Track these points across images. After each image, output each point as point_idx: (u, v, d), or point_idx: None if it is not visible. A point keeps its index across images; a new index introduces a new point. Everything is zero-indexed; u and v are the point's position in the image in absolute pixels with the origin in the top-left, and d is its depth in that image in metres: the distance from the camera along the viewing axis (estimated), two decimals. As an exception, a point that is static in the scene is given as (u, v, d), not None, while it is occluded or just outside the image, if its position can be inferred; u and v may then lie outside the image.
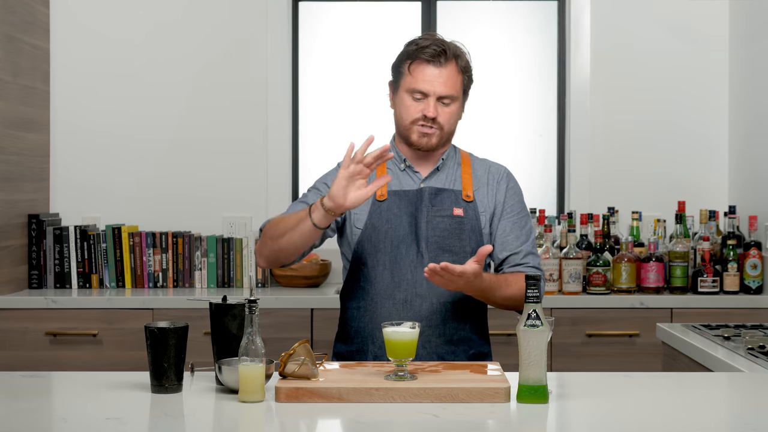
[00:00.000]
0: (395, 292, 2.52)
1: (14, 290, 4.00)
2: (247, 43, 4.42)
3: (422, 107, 2.52)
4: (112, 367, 3.75)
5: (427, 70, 2.51)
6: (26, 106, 4.12)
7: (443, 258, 2.51)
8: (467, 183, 2.60)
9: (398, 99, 2.59)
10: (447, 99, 2.52)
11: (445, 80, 2.51)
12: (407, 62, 2.55)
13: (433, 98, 2.51)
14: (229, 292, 4.03)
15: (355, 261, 2.57)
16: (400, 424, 1.90)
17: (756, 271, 3.93)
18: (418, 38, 2.58)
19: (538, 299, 2.05)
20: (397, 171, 2.62)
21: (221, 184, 4.41)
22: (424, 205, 2.55)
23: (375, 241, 2.54)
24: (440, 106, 2.53)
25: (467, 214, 2.56)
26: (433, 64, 2.51)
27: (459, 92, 2.55)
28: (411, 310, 2.51)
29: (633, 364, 3.76)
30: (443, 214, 2.55)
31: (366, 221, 2.55)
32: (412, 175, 2.61)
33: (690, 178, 4.40)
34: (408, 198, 2.56)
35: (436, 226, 2.54)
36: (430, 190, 2.57)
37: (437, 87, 2.51)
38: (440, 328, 2.52)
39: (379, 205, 2.56)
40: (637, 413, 1.99)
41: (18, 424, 1.89)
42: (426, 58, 2.51)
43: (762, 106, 4.06)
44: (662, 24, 4.41)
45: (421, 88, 2.51)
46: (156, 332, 2.10)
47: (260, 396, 2.03)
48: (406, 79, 2.55)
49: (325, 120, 4.57)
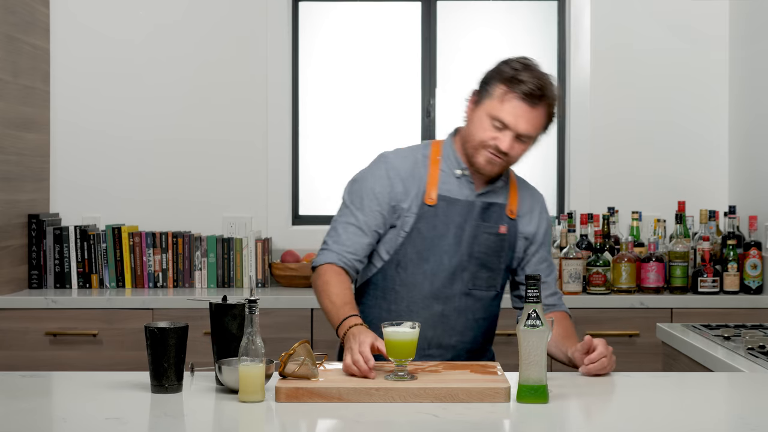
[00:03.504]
0: (433, 304, 2.49)
1: (14, 290, 4.00)
2: (247, 43, 4.42)
3: (498, 137, 2.41)
4: (112, 367, 3.75)
5: (517, 105, 2.39)
6: (26, 106, 4.12)
7: (480, 274, 2.51)
8: (513, 200, 2.56)
9: (477, 115, 2.46)
10: (525, 137, 2.43)
11: (532, 121, 2.41)
12: (500, 87, 2.41)
13: (512, 132, 2.41)
14: (229, 292, 4.03)
15: (392, 262, 2.50)
16: (400, 424, 1.90)
17: (756, 271, 3.93)
18: (519, 65, 2.42)
19: (538, 299, 2.05)
20: (451, 175, 2.52)
21: (221, 184, 4.41)
22: (474, 218, 2.49)
23: (419, 248, 2.48)
24: (516, 142, 2.43)
25: (509, 232, 2.53)
26: (526, 102, 2.39)
27: (539, 132, 2.46)
28: (447, 324, 2.50)
29: (633, 364, 3.75)
30: (491, 231, 2.51)
31: (413, 225, 2.48)
32: (468, 185, 2.52)
33: (690, 178, 4.40)
34: (458, 208, 2.49)
35: (483, 243, 2.50)
36: (482, 204, 2.51)
37: (521, 125, 2.40)
38: (471, 343, 2.53)
39: (429, 209, 2.48)
40: (638, 413, 1.99)
41: (18, 424, 1.89)
42: (521, 95, 2.39)
43: (762, 106, 4.06)
44: (662, 24, 4.41)
45: (505, 120, 2.40)
46: (156, 332, 2.10)
47: (260, 396, 2.03)
48: (493, 102, 2.42)
49: (325, 120, 4.57)
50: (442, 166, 2.52)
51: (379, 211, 2.49)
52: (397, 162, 2.53)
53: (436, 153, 2.54)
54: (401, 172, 2.51)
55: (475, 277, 2.50)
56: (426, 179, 2.50)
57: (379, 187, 2.50)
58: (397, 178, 2.50)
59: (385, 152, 2.59)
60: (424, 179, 2.50)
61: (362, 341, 2.17)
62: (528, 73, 2.40)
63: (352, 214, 2.50)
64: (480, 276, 2.51)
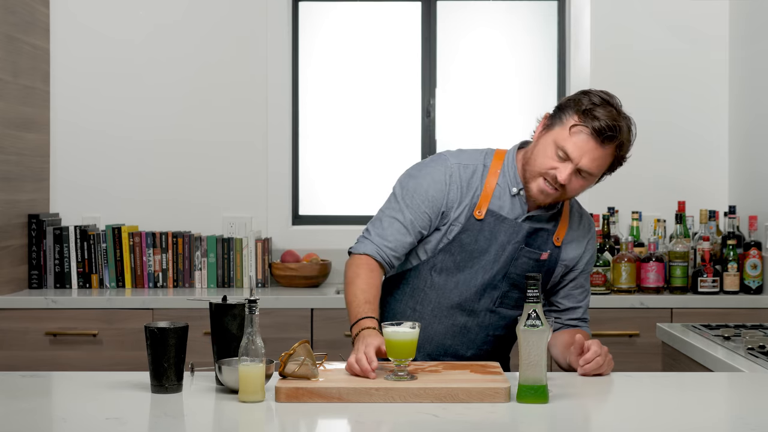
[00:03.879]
0: (457, 314, 2.48)
1: (14, 290, 4.00)
2: (247, 43, 4.42)
3: (559, 167, 2.34)
4: (112, 367, 3.75)
5: (585, 140, 2.31)
6: (26, 106, 4.12)
7: (511, 294, 2.48)
8: (562, 227, 2.50)
9: (544, 140, 2.38)
10: (586, 173, 2.35)
11: (596, 159, 2.33)
12: (573, 117, 2.34)
13: (573, 165, 2.33)
14: (229, 292, 4.03)
15: (428, 264, 2.48)
16: (400, 424, 1.90)
17: (756, 271, 3.93)
18: (598, 99, 2.36)
19: (538, 299, 2.05)
20: (507, 189, 2.46)
21: (221, 184, 4.41)
22: (518, 240, 2.44)
23: (457, 258, 2.45)
24: (575, 176, 2.35)
25: (550, 258, 2.49)
26: (595, 139, 2.31)
27: (602, 172, 2.39)
28: (466, 336, 2.49)
29: (633, 364, 3.75)
30: (532, 257, 2.46)
31: (456, 234, 2.44)
32: (521, 205, 2.45)
33: (690, 178, 4.40)
34: (505, 226, 2.44)
35: (521, 265, 2.46)
36: (529, 228, 2.45)
37: (584, 160, 2.32)
38: (485, 357, 2.52)
39: (475, 222, 2.44)
40: (638, 413, 1.99)
41: (18, 424, 1.89)
42: (591, 131, 2.31)
43: (762, 106, 4.06)
44: (662, 24, 4.41)
45: (570, 151, 2.32)
46: (156, 332, 2.10)
47: (260, 396, 2.03)
48: (561, 131, 2.34)
49: (325, 120, 4.57)
50: (499, 181, 2.46)
51: (428, 213, 2.44)
52: (460, 168, 2.46)
53: (497, 165, 2.48)
54: (459, 180, 2.45)
55: (505, 296, 2.48)
56: (480, 191, 2.45)
57: (433, 190, 2.44)
58: (454, 185, 2.45)
59: (446, 153, 2.52)
60: (479, 191, 2.45)
61: (369, 343, 2.17)
62: (604, 110, 2.33)
63: (400, 210, 2.45)
64: (510, 296, 2.48)
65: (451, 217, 2.44)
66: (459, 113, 4.58)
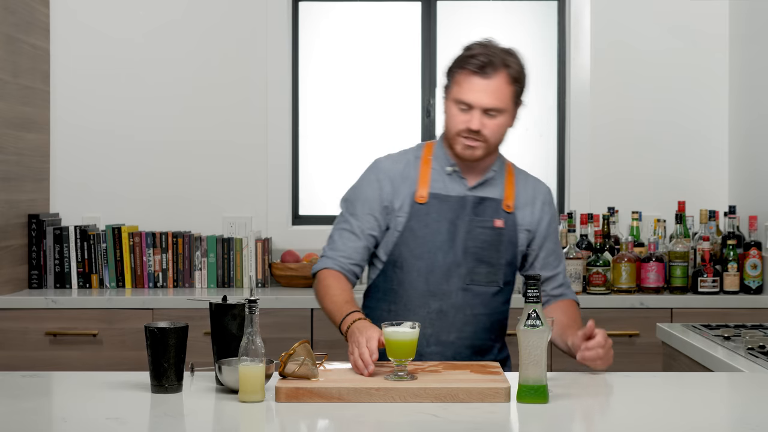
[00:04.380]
0: (430, 300, 2.50)
1: (14, 290, 4.00)
2: (247, 42, 4.42)
3: (467, 119, 2.44)
4: (112, 367, 3.75)
5: (473, 82, 2.43)
6: (26, 106, 4.12)
7: (479, 269, 2.51)
8: (509, 193, 2.56)
9: (447, 106, 2.50)
10: (493, 111, 2.44)
11: (492, 92, 2.42)
12: (456, 71, 2.47)
13: (478, 110, 2.43)
14: (229, 292, 4.03)
15: (389, 263, 2.53)
16: (400, 424, 1.90)
17: (756, 271, 3.93)
18: (472, 43, 2.49)
19: (538, 299, 2.05)
20: (441, 172, 2.55)
21: (221, 184, 4.41)
22: (467, 213, 2.51)
23: (413, 246, 2.50)
24: (486, 118, 2.44)
25: (507, 225, 2.53)
26: (480, 75, 2.42)
27: (507, 104, 2.46)
28: (445, 320, 2.50)
29: (633, 364, 3.75)
30: (485, 225, 2.51)
31: (405, 224, 2.51)
32: (459, 180, 2.54)
33: (690, 178, 4.40)
34: (450, 204, 2.51)
35: (477, 237, 2.51)
36: (474, 199, 2.52)
37: (483, 99, 2.42)
38: (470, 339, 2.52)
39: (420, 207, 2.51)
40: (637, 413, 1.99)
41: (18, 424, 1.89)
42: (472, 69, 2.42)
43: (762, 106, 4.06)
44: (662, 24, 4.41)
45: (467, 99, 2.43)
46: (156, 332, 2.10)
47: (260, 396, 2.03)
48: (453, 88, 2.47)
49: (325, 120, 4.56)
50: (433, 165, 2.56)
51: (371, 214, 2.54)
52: (388, 165, 2.58)
53: (428, 153, 2.58)
54: (391, 174, 2.55)
55: (473, 273, 2.51)
56: (417, 179, 2.53)
57: (369, 191, 2.56)
58: (386, 180, 2.55)
59: (378, 158, 2.64)
60: (416, 179, 2.53)
61: (370, 336, 2.19)
62: (477, 49, 2.46)
63: (346, 221, 2.57)
64: (478, 271, 2.51)
65: (394, 209, 2.52)
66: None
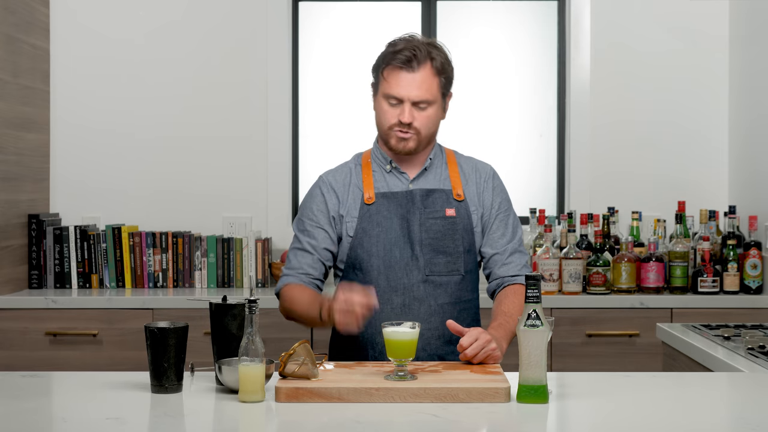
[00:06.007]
0: (392, 296, 2.52)
1: (14, 290, 4.00)
2: (247, 42, 4.42)
3: (398, 113, 2.50)
4: (112, 367, 3.75)
5: (400, 76, 2.49)
6: (26, 106, 4.12)
7: (437, 260, 2.53)
8: (456, 182, 2.60)
9: (377, 103, 2.57)
10: (423, 103, 2.50)
11: (419, 85, 2.49)
12: (382, 66, 2.53)
13: (407, 104, 2.49)
14: (229, 292, 4.03)
15: (348, 267, 2.57)
16: (400, 424, 1.90)
17: (756, 271, 3.93)
18: (396, 39, 2.56)
19: (538, 299, 2.05)
20: (382, 172, 2.61)
21: (221, 184, 4.41)
22: (416, 207, 2.55)
23: (367, 246, 2.53)
24: (416, 111, 2.50)
25: (459, 214, 2.56)
26: (406, 70, 2.49)
27: (435, 95, 2.52)
28: (410, 314, 2.51)
29: (633, 364, 3.76)
30: (436, 216, 2.55)
31: (357, 227, 2.55)
32: (399, 176, 2.60)
33: (690, 178, 4.40)
34: (397, 200, 2.56)
35: (430, 228, 2.54)
36: (421, 192, 2.56)
37: (411, 92, 2.48)
38: (439, 329, 2.53)
39: (368, 208, 2.55)
40: (637, 413, 1.99)
41: (18, 424, 1.89)
42: (398, 64, 2.49)
43: (762, 106, 4.06)
44: (662, 24, 4.41)
45: (395, 93, 2.49)
46: (156, 332, 2.10)
47: (260, 396, 2.03)
48: (382, 84, 2.53)
49: (325, 120, 4.57)
50: (373, 167, 2.62)
51: (320, 227, 2.58)
52: (330, 177, 2.64)
53: (366, 158, 2.64)
54: (335, 185, 2.61)
55: (432, 264, 2.52)
56: (361, 183, 2.58)
57: (315, 205, 2.60)
58: (330, 191, 2.60)
59: (321, 174, 2.69)
60: (360, 184, 2.58)
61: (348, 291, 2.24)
62: (400, 44, 2.52)
63: (298, 240, 2.61)
64: (436, 262, 2.52)
65: (343, 216, 2.57)
66: (459, 113, 4.57)
